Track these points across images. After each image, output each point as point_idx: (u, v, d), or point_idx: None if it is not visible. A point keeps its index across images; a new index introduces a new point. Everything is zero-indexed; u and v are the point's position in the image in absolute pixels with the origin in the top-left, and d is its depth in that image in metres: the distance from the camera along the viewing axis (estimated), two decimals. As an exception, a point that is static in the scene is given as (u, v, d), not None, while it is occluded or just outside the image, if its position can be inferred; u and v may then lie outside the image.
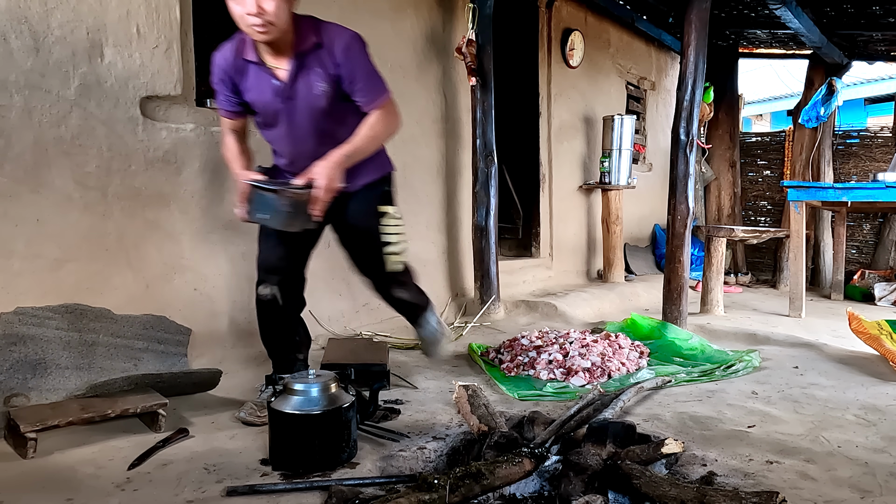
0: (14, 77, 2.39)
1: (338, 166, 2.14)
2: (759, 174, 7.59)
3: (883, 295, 5.57)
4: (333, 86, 2.19)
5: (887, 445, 2.19)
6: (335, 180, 2.13)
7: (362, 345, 3.21)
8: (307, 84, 2.19)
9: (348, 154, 2.18)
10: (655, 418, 2.44)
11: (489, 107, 4.48)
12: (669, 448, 1.79)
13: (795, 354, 3.49)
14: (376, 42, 4.05)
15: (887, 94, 9.88)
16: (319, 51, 2.17)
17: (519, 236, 6.04)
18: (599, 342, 3.34)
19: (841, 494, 1.82)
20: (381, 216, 2.40)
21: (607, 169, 5.85)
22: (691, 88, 3.97)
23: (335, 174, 2.13)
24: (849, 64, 6.80)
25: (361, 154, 2.23)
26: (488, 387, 2.89)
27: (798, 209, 4.80)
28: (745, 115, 10.84)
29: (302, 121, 2.25)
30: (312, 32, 2.17)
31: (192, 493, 1.79)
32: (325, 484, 1.80)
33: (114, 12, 2.68)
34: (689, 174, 4.03)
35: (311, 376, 2.02)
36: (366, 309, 4.00)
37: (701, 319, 4.43)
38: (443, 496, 1.58)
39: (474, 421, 2.13)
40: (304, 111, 2.23)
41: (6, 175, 2.39)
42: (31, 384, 2.29)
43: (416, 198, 4.38)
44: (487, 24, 4.40)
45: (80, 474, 1.90)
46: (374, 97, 2.24)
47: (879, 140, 6.86)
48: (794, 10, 5.09)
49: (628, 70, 6.78)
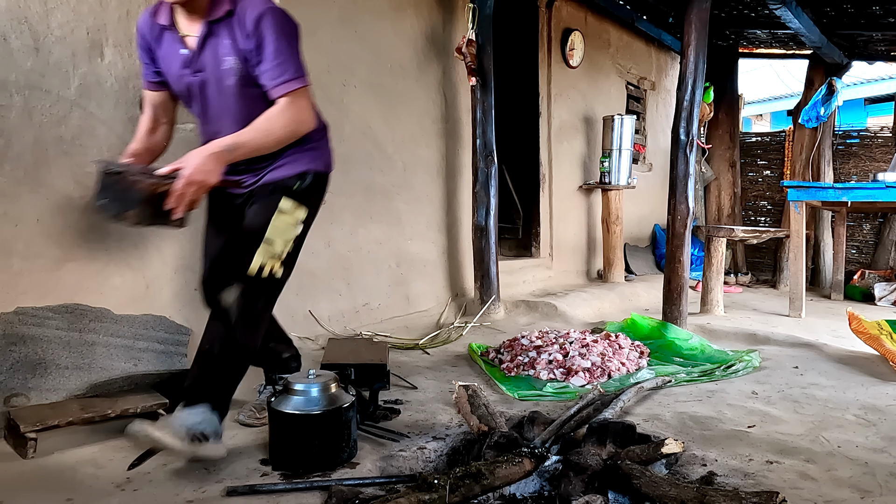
0: (14, 77, 2.39)
1: (212, 159, 1.81)
2: (759, 174, 7.59)
3: (883, 295, 5.57)
4: (243, 62, 1.92)
5: (887, 445, 2.19)
6: (204, 173, 1.79)
7: (362, 345, 3.21)
8: (215, 56, 1.94)
9: (231, 147, 1.85)
10: (655, 418, 2.44)
11: (489, 107, 4.48)
12: (669, 448, 1.79)
13: (795, 354, 3.49)
14: (376, 42, 4.09)
15: (887, 94, 9.88)
16: (231, 19, 1.90)
17: (519, 236, 6.04)
18: (599, 342, 3.34)
19: (841, 494, 1.82)
20: (280, 211, 2.02)
21: (607, 169, 5.85)
22: (691, 88, 3.98)
23: (206, 167, 1.79)
24: (849, 64, 6.80)
25: (250, 149, 1.89)
26: (488, 387, 2.89)
27: (798, 209, 4.80)
28: (745, 115, 10.84)
29: (214, 100, 2.00)
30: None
31: (192, 493, 1.79)
32: (325, 484, 1.80)
33: (114, 12, 2.68)
34: (689, 174, 4.03)
35: (311, 376, 2.02)
36: (366, 309, 4.00)
37: (701, 319, 4.43)
38: (443, 496, 1.58)
39: (474, 421, 2.13)
40: (215, 88, 1.98)
41: (6, 175, 2.38)
42: (31, 384, 2.28)
43: (416, 198, 4.39)
44: (487, 24, 4.40)
45: (80, 474, 1.90)
46: (280, 81, 1.90)
47: (879, 140, 6.86)
48: (794, 10, 5.09)
49: (628, 70, 6.78)
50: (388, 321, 4.07)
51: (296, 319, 3.53)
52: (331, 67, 3.72)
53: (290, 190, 2.04)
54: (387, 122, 4.13)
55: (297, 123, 1.95)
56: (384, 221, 4.13)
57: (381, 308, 4.10)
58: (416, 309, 4.35)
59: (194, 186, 1.78)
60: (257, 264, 1.95)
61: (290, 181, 2.05)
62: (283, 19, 1.92)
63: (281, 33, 1.89)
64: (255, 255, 1.95)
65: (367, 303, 4.01)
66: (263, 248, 1.96)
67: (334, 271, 3.80)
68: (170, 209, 1.77)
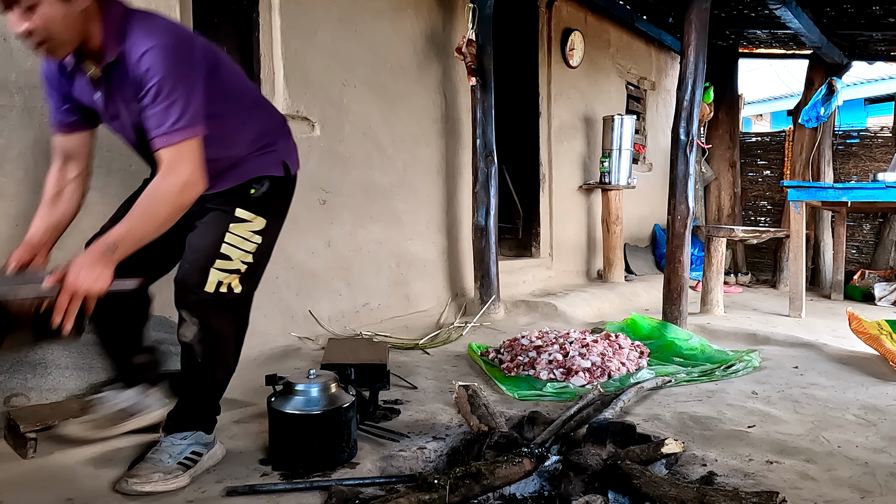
0: (14, 77, 2.39)
1: (98, 263, 1.56)
2: (759, 174, 7.59)
3: (883, 295, 5.57)
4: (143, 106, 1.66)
5: (887, 445, 2.19)
6: (91, 280, 1.54)
7: (362, 345, 3.21)
8: (123, 101, 1.71)
9: (112, 246, 1.58)
10: (655, 418, 2.44)
11: (489, 107, 4.48)
12: (669, 448, 1.79)
13: (795, 354, 3.49)
14: (376, 42, 4.09)
15: (887, 94, 9.89)
16: (122, 61, 1.64)
17: (519, 236, 6.04)
18: (599, 342, 3.34)
19: (841, 494, 1.82)
20: (233, 222, 1.85)
21: (607, 169, 5.85)
22: (691, 88, 3.98)
23: (93, 273, 1.54)
24: (849, 64, 6.81)
25: (135, 240, 1.62)
26: (488, 387, 2.89)
27: (798, 209, 4.80)
28: (745, 115, 10.84)
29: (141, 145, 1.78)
30: (115, 38, 1.63)
31: (192, 493, 1.79)
32: (325, 484, 1.80)
33: (114, 12, 2.68)
34: (689, 174, 4.03)
35: (311, 376, 2.02)
36: (366, 309, 4.00)
37: (701, 319, 4.43)
38: (443, 496, 1.58)
39: (474, 421, 2.13)
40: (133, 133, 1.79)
41: (6, 175, 2.38)
42: (31, 384, 2.28)
43: (416, 198, 4.39)
44: (487, 24, 4.40)
45: (80, 474, 1.90)
46: (160, 132, 1.61)
47: (879, 140, 6.86)
48: (794, 10, 5.09)
49: (628, 70, 6.78)
50: (388, 321, 4.07)
51: (296, 319, 3.54)
52: (331, 67, 3.72)
53: (244, 199, 1.87)
54: (387, 122, 4.13)
55: (182, 192, 1.64)
56: (384, 221, 4.13)
57: (381, 308, 4.10)
58: (416, 309, 4.35)
59: (80, 297, 1.53)
60: (213, 282, 1.80)
61: (244, 188, 1.88)
62: (177, 54, 1.62)
63: (169, 72, 1.59)
64: (210, 272, 1.80)
65: (367, 303, 4.01)
66: (219, 263, 1.81)
67: (334, 271, 3.80)
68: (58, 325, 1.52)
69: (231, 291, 1.84)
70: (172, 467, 1.82)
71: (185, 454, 1.87)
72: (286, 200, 2.02)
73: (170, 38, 1.63)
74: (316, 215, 3.67)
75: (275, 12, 3.42)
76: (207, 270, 1.80)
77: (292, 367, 3.05)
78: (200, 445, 1.91)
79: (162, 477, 1.79)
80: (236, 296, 1.86)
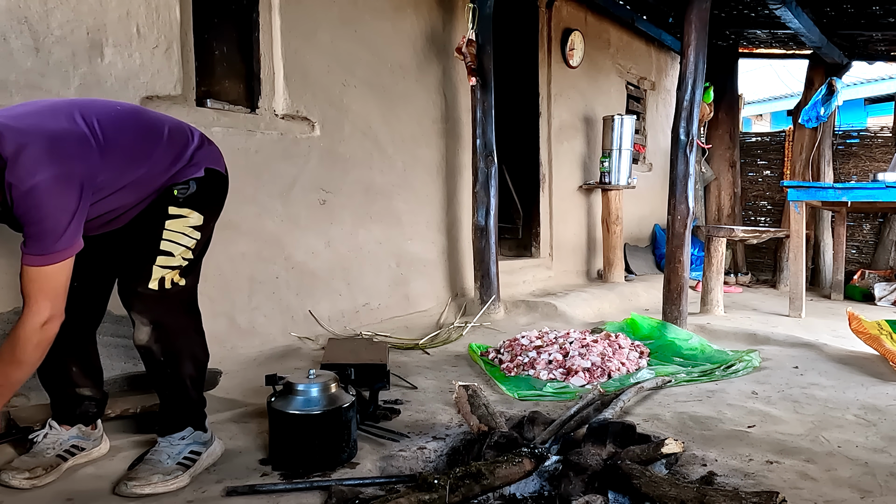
0: (14, 77, 2.39)
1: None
2: (759, 174, 7.59)
3: (883, 295, 5.57)
4: None
5: (887, 445, 2.19)
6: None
7: (362, 345, 3.21)
8: None
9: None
10: (655, 418, 2.44)
11: (489, 107, 4.48)
12: (669, 448, 1.80)
13: (795, 354, 3.49)
14: (376, 42, 4.09)
15: (887, 94, 9.88)
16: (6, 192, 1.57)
17: (519, 236, 6.04)
18: (599, 342, 3.34)
19: (841, 494, 1.82)
20: (168, 219, 1.83)
21: (607, 169, 5.85)
22: (691, 88, 3.98)
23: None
24: (849, 64, 6.81)
25: (14, 384, 1.67)
26: (488, 387, 2.89)
27: (798, 209, 4.80)
28: (745, 115, 10.84)
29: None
30: None
31: (192, 493, 1.79)
32: (325, 484, 1.80)
33: (114, 12, 2.68)
34: (689, 174, 4.03)
35: (311, 376, 2.02)
36: (366, 309, 4.00)
37: (701, 319, 4.43)
38: (443, 496, 1.58)
39: (474, 421, 2.13)
40: None
41: (6, 175, 2.38)
42: (31, 384, 2.28)
43: (416, 198, 4.39)
44: (487, 24, 4.40)
45: (80, 474, 1.90)
46: (24, 251, 1.59)
47: (879, 140, 6.86)
48: (794, 10, 5.09)
49: (628, 70, 6.78)
50: (388, 321, 4.07)
51: (296, 319, 3.54)
52: (331, 67, 3.72)
53: (174, 199, 1.84)
54: (387, 122, 4.13)
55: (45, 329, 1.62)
56: (384, 221, 4.13)
57: (381, 308, 4.10)
58: (416, 309, 4.35)
59: None
60: (157, 279, 1.82)
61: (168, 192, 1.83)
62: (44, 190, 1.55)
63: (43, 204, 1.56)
64: (153, 269, 1.81)
65: (367, 303, 4.01)
66: (160, 260, 1.82)
67: (334, 271, 3.80)
68: None
69: (175, 286, 1.86)
70: (172, 468, 1.83)
71: (183, 454, 1.88)
72: (220, 198, 1.98)
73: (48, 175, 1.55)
74: (316, 215, 3.67)
75: (275, 12, 3.42)
76: (150, 268, 1.82)
77: (292, 367, 3.05)
78: (199, 444, 1.93)
79: (161, 478, 1.79)
80: (181, 288, 1.88)
